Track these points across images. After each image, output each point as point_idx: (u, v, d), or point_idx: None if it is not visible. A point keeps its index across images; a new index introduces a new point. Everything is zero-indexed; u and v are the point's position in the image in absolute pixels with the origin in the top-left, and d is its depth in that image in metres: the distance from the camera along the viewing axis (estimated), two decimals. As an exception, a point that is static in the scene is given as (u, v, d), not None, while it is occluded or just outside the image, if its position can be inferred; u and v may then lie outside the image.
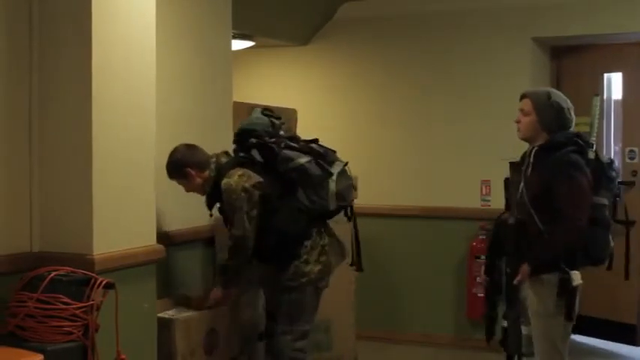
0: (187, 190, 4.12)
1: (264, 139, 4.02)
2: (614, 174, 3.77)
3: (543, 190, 3.61)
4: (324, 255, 4.03)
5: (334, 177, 4.02)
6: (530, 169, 3.70)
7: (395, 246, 6.22)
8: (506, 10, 5.94)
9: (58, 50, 3.39)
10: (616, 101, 6.28)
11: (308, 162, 3.99)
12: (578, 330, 6.06)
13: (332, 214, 4.08)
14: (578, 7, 5.75)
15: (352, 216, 4.17)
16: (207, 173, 4.04)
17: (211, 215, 4.13)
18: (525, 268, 3.67)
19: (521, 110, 3.78)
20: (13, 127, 3.34)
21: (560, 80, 6.23)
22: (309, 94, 6.39)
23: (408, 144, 6.23)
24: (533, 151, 3.72)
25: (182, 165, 4.04)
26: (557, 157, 3.62)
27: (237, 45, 5.74)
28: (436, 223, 6.13)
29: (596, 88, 6.08)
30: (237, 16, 4.98)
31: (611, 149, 6.22)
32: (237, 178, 3.90)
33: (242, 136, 4.09)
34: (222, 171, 3.99)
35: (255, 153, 4.00)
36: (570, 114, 3.74)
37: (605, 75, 6.18)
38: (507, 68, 5.85)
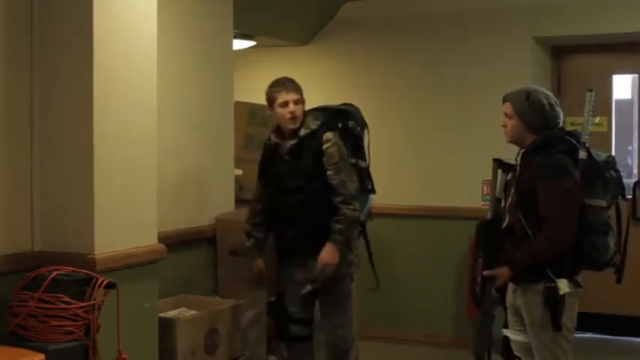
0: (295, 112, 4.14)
1: (352, 126, 4.27)
2: (613, 173, 3.60)
3: (529, 193, 3.50)
4: (357, 248, 4.26)
5: (372, 196, 4.41)
6: (519, 172, 3.61)
7: (395, 246, 6.22)
8: (507, 9, 5.94)
9: (59, 50, 3.39)
10: (619, 101, 6.31)
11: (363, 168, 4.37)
12: (592, 328, 6.15)
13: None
14: (581, 7, 5.75)
15: (365, 233, 4.41)
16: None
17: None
18: (504, 270, 3.57)
19: (505, 114, 3.67)
20: (15, 127, 3.35)
21: (562, 81, 6.24)
22: (310, 94, 6.33)
23: (408, 144, 6.23)
24: (521, 153, 3.63)
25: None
26: (541, 159, 3.50)
27: (238, 45, 5.75)
28: (436, 223, 6.13)
29: (605, 89, 6.11)
30: (238, 15, 4.98)
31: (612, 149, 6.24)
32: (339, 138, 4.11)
33: (338, 116, 4.23)
34: (326, 124, 4.14)
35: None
36: (554, 109, 3.59)
37: (614, 76, 6.19)
38: (508, 68, 5.85)
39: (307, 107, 4.30)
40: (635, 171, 6.28)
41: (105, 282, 3.13)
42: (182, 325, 3.91)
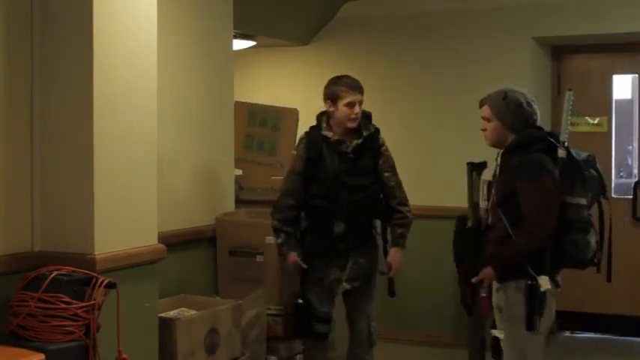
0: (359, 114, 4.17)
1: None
2: (593, 172, 3.59)
3: (509, 192, 3.53)
4: None
5: None
6: (498, 172, 3.65)
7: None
8: (507, 9, 5.94)
9: (59, 50, 3.39)
10: (619, 101, 6.32)
11: None
12: (591, 328, 6.16)
13: None
14: (581, 7, 5.74)
15: None
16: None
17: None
18: (489, 270, 3.61)
19: (483, 118, 3.71)
20: (15, 127, 3.35)
21: (562, 81, 6.23)
22: (310, 94, 6.32)
23: (408, 144, 6.22)
24: (500, 153, 3.66)
25: None
26: (520, 159, 3.54)
27: (239, 45, 5.75)
28: (436, 223, 6.12)
29: (605, 89, 6.13)
30: (238, 15, 4.98)
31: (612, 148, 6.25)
32: None
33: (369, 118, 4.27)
34: (377, 130, 4.23)
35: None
36: (531, 107, 3.62)
37: (614, 76, 6.21)
38: (508, 68, 5.84)
39: (308, 108, 4.31)
40: (635, 171, 6.29)
41: (105, 282, 3.13)
42: (182, 325, 3.91)
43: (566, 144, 3.55)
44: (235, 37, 5.30)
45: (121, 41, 3.46)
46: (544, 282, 3.44)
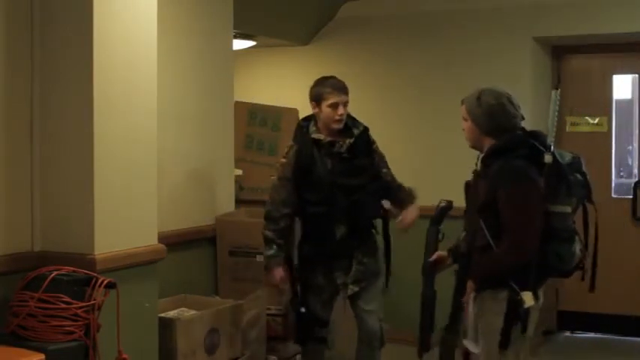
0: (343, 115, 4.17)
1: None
2: (578, 176, 3.35)
3: (489, 200, 3.32)
4: None
5: None
6: (478, 178, 3.48)
7: (395, 245, 6.18)
8: (507, 9, 5.93)
9: (59, 50, 3.39)
10: (619, 101, 6.33)
11: None
12: (592, 328, 6.18)
13: None
14: (581, 7, 5.74)
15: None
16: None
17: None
18: (470, 284, 3.46)
19: (462, 117, 3.53)
20: (15, 127, 3.35)
21: (563, 81, 6.23)
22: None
23: (408, 144, 6.23)
24: (480, 158, 3.48)
25: None
26: (499, 166, 3.34)
27: (239, 45, 5.75)
28: (437, 223, 6.12)
29: (605, 89, 6.13)
30: (238, 15, 4.98)
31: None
32: None
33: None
34: (366, 128, 4.25)
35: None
36: (505, 109, 3.36)
37: (614, 76, 6.21)
38: (508, 68, 5.84)
39: (308, 108, 4.31)
40: (636, 171, 6.28)
41: (105, 282, 3.13)
42: (182, 325, 3.91)
43: (552, 148, 3.34)
44: (235, 37, 5.30)
45: (121, 41, 3.46)
46: (527, 298, 3.25)
